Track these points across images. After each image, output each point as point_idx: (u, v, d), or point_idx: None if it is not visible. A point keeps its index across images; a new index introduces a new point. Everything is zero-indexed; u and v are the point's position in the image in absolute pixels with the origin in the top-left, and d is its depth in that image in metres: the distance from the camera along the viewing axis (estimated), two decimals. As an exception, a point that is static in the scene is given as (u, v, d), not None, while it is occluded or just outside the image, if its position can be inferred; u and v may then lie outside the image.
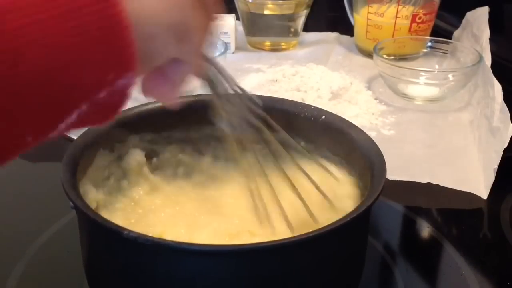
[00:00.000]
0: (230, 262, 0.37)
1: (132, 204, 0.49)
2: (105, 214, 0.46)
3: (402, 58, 0.86)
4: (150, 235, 0.37)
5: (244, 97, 0.43)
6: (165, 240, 0.36)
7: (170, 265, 0.37)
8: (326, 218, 0.43)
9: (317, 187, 0.46)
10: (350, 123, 0.49)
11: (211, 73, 0.41)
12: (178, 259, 0.37)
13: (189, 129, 0.53)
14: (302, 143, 0.52)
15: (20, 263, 0.49)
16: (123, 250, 0.38)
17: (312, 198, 0.47)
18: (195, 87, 0.42)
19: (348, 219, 0.38)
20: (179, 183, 0.52)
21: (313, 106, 0.51)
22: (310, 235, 0.36)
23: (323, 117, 0.50)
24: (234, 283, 0.37)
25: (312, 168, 0.50)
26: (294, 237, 0.37)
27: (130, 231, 0.36)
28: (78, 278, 0.48)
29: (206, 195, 0.51)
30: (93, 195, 0.45)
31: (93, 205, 0.44)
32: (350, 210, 0.40)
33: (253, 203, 0.46)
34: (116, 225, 0.37)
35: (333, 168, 0.50)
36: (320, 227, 0.38)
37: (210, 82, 0.41)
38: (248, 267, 0.37)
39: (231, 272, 0.37)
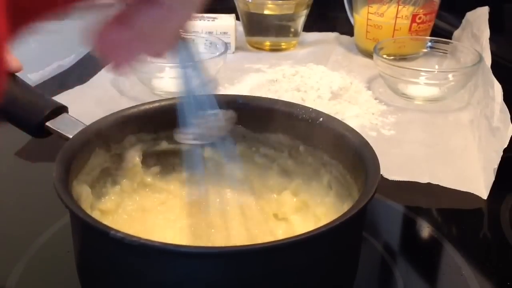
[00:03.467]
0: (219, 264, 0.37)
1: (128, 204, 0.49)
2: (98, 215, 0.46)
3: (402, 58, 0.86)
4: (139, 236, 0.36)
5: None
6: (151, 241, 0.35)
7: (157, 267, 0.37)
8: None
9: None
10: (347, 125, 0.49)
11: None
12: (165, 261, 0.37)
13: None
14: (301, 147, 0.51)
15: (20, 263, 0.49)
16: (111, 250, 0.38)
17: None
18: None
19: (338, 222, 0.37)
20: (176, 184, 0.52)
21: (311, 108, 0.51)
22: (303, 236, 0.36)
23: (321, 119, 0.50)
24: (222, 285, 0.37)
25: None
26: (286, 238, 0.36)
27: (117, 231, 0.35)
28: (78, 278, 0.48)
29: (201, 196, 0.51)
30: (87, 195, 0.45)
31: (87, 205, 0.44)
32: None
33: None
34: (103, 224, 0.36)
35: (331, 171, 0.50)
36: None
37: (185, 52, 0.31)
38: (237, 269, 0.37)
39: (220, 274, 0.37)
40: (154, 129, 0.51)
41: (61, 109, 0.50)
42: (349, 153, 0.46)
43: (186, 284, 0.37)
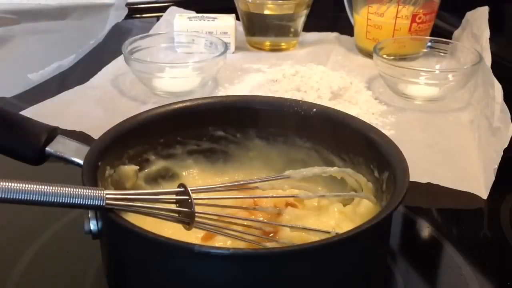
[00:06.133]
0: (246, 266, 0.37)
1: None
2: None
3: (402, 58, 0.86)
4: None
5: None
6: (171, 239, 0.37)
7: (180, 266, 0.38)
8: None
9: None
10: (347, 117, 0.50)
11: None
12: (186, 260, 0.38)
13: (188, 130, 0.53)
14: (309, 145, 0.52)
15: (20, 263, 0.49)
16: (148, 253, 0.39)
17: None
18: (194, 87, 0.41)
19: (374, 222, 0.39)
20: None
21: (316, 104, 0.52)
22: (323, 242, 0.37)
23: (331, 115, 0.51)
24: (249, 286, 0.38)
25: None
26: (314, 242, 0.38)
27: (156, 234, 0.36)
28: (78, 278, 0.48)
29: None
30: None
31: None
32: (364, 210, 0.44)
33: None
34: (143, 229, 0.37)
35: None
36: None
37: None
38: (260, 271, 0.37)
39: (247, 274, 0.38)
40: (155, 133, 0.51)
41: (55, 131, 0.49)
42: (372, 150, 0.47)
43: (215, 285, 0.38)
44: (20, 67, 0.88)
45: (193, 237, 0.44)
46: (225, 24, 0.91)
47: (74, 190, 0.38)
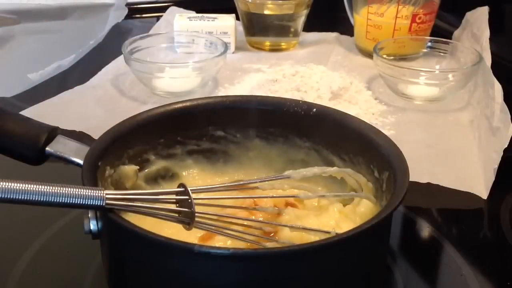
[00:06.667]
0: (246, 266, 0.38)
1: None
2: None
3: (402, 58, 0.86)
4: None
5: None
6: (174, 240, 0.37)
7: (179, 266, 0.38)
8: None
9: None
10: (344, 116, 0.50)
11: None
12: (186, 260, 0.38)
13: (188, 130, 0.53)
14: (309, 145, 0.52)
15: (20, 263, 0.49)
16: (152, 254, 0.39)
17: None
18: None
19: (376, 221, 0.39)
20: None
21: (316, 104, 0.52)
22: (321, 243, 0.37)
23: (331, 116, 0.51)
24: (249, 286, 0.38)
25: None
26: (318, 241, 0.38)
27: (156, 234, 0.36)
28: (78, 278, 0.48)
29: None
30: None
31: None
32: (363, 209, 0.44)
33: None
34: (143, 229, 0.37)
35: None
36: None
37: None
38: (260, 271, 0.38)
39: (247, 274, 0.38)
40: (153, 135, 0.51)
41: (55, 131, 0.49)
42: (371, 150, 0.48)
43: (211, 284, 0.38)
44: (20, 67, 0.88)
45: (193, 237, 0.44)
46: (225, 24, 0.91)
47: (74, 190, 0.38)
